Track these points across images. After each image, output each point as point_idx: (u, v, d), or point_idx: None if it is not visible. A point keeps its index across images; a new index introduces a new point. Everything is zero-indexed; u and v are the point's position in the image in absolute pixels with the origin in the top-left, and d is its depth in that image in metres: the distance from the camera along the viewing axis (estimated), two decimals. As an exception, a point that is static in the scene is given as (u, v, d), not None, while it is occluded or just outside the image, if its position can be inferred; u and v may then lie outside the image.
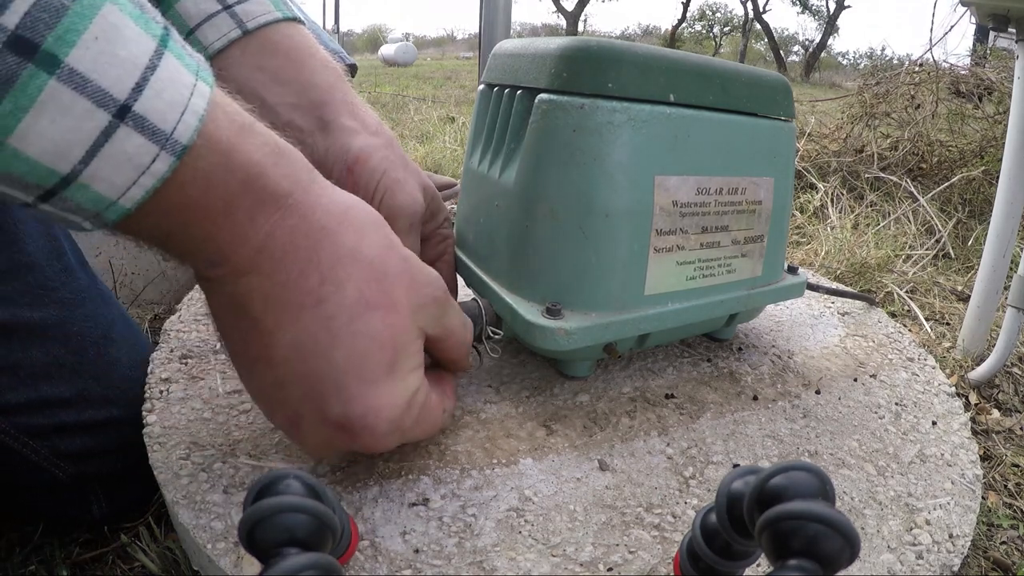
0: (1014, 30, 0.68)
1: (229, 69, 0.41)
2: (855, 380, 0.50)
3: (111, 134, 0.20)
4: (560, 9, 15.62)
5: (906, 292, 0.95)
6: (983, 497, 0.49)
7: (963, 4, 0.73)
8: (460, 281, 0.50)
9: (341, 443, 0.28)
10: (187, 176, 0.22)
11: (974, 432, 0.61)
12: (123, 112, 0.20)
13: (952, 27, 1.75)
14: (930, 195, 1.34)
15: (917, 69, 1.75)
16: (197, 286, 0.38)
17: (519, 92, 0.41)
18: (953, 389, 0.50)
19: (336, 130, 0.38)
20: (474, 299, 0.42)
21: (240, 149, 0.23)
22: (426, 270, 0.30)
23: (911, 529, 0.34)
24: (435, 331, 0.30)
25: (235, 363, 0.29)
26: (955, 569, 0.32)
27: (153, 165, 0.21)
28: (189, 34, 0.43)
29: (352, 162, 0.38)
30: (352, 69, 1.03)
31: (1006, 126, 0.73)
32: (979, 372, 0.70)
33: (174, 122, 0.21)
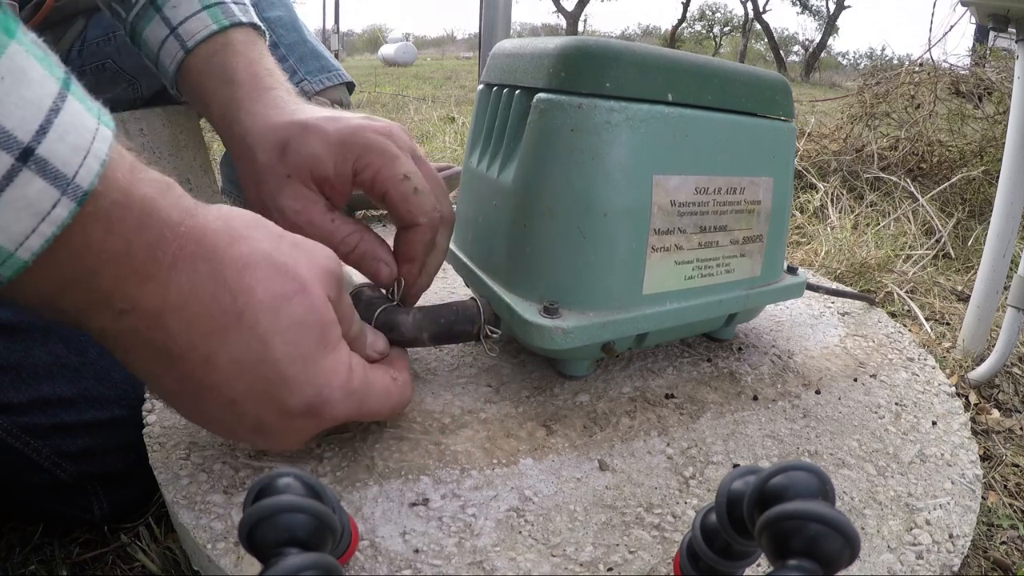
0: (1014, 30, 0.68)
1: (190, 83, 0.45)
2: (855, 380, 0.50)
3: (13, 178, 0.19)
4: (560, 9, 15.62)
5: (906, 292, 0.95)
6: (983, 497, 0.49)
7: (963, 4, 0.73)
8: (460, 280, 0.49)
9: (309, 427, 0.30)
10: (88, 219, 0.21)
11: (974, 432, 0.61)
12: (26, 155, 0.19)
13: (952, 27, 1.75)
14: (930, 195, 1.34)
15: (917, 69, 1.75)
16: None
17: (518, 92, 0.41)
18: (953, 389, 0.50)
19: (241, 124, 0.41)
20: (472, 298, 0.42)
21: (135, 187, 0.23)
22: (312, 243, 0.31)
23: (911, 529, 0.34)
24: (336, 293, 0.31)
25: (176, 403, 0.29)
26: (955, 569, 0.32)
27: (54, 211, 0.20)
28: (156, 60, 0.47)
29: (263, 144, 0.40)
30: (349, 86, 1.04)
31: (1006, 126, 0.73)
32: (979, 372, 0.70)
33: (76, 166, 0.20)
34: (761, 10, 14.96)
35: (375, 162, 0.37)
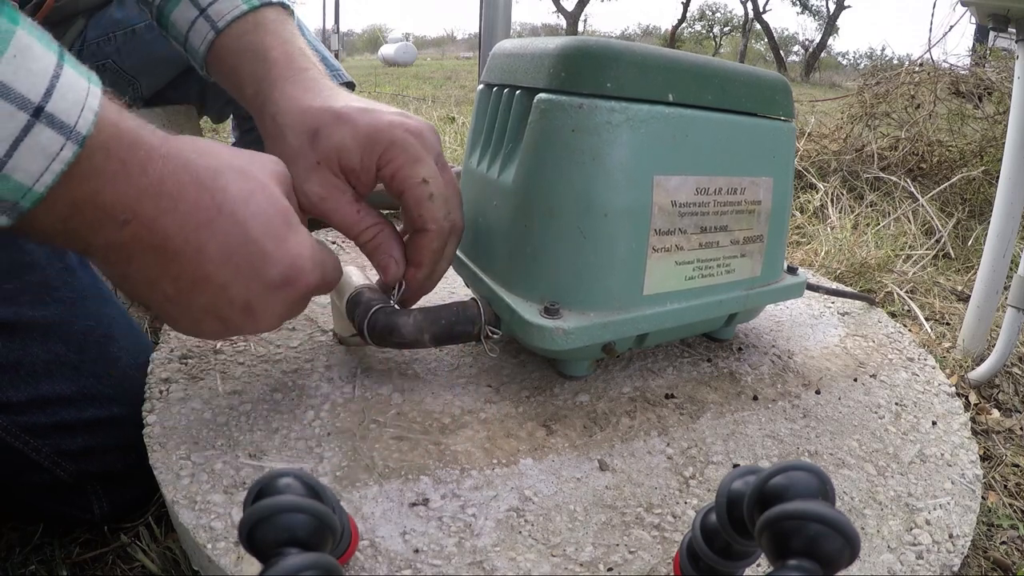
0: (1014, 30, 0.68)
1: (221, 63, 0.46)
2: (855, 380, 0.50)
3: (29, 130, 0.24)
4: (560, 9, 15.62)
5: (906, 292, 0.95)
6: (983, 497, 0.49)
7: (963, 4, 0.73)
8: (460, 280, 0.49)
9: (289, 297, 0.34)
10: (91, 151, 0.26)
11: (974, 432, 0.61)
12: (38, 112, 0.25)
13: (952, 27, 1.76)
14: (930, 195, 1.34)
15: (917, 69, 1.75)
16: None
17: (518, 92, 0.41)
18: (953, 389, 0.50)
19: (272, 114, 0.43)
20: (473, 298, 0.42)
21: (122, 123, 0.28)
22: (261, 155, 0.36)
23: (911, 529, 0.34)
24: (288, 191, 0.36)
25: (170, 306, 0.33)
26: (955, 569, 0.32)
27: (61, 152, 0.25)
28: (185, 41, 0.47)
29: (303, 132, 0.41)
30: (350, 87, 1.03)
31: (1006, 126, 0.73)
32: (979, 372, 0.70)
33: (76, 116, 0.26)
34: (761, 10, 14.96)
35: (397, 160, 0.38)
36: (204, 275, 0.31)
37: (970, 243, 1.19)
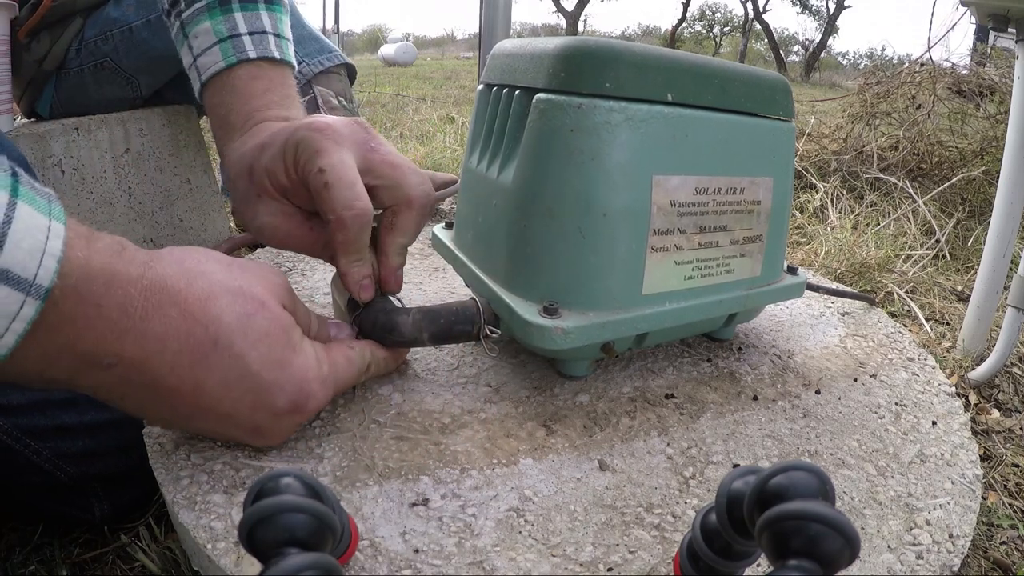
0: (1014, 30, 0.68)
1: (206, 110, 0.48)
2: (855, 380, 0.50)
3: None
4: (560, 9, 15.61)
5: (906, 292, 0.95)
6: (983, 497, 0.49)
7: (963, 4, 0.73)
8: (460, 280, 0.49)
9: (299, 420, 0.33)
10: (58, 301, 0.24)
11: (974, 432, 0.61)
12: None
13: (952, 27, 1.75)
14: (930, 195, 1.34)
15: (918, 69, 1.75)
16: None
17: (517, 92, 0.41)
18: (953, 389, 0.50)
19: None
20: (472, 298, 0.42)
21: (93, 259, 0.25)
22: (257, 264, 0.34)
23: (911, 529, 0.34)
24: (290, 301, 0.34)
25: (175, 426, 0.33)
26: (955, 569, 0.32)
27: (21, 311, 0.22)
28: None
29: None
30: (351, 71, 1.03)
31: (1006, 126, 0.73)
32: (979, 372, 0.70)
33: (35, 268, 0.22)
34: (761, 10, 14.96)
35: (301, 159, 0.37)
36: (206, 406, 0.30)
37: (970, 243, 1.19)
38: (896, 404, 0.47)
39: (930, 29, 1.71)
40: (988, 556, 0.48)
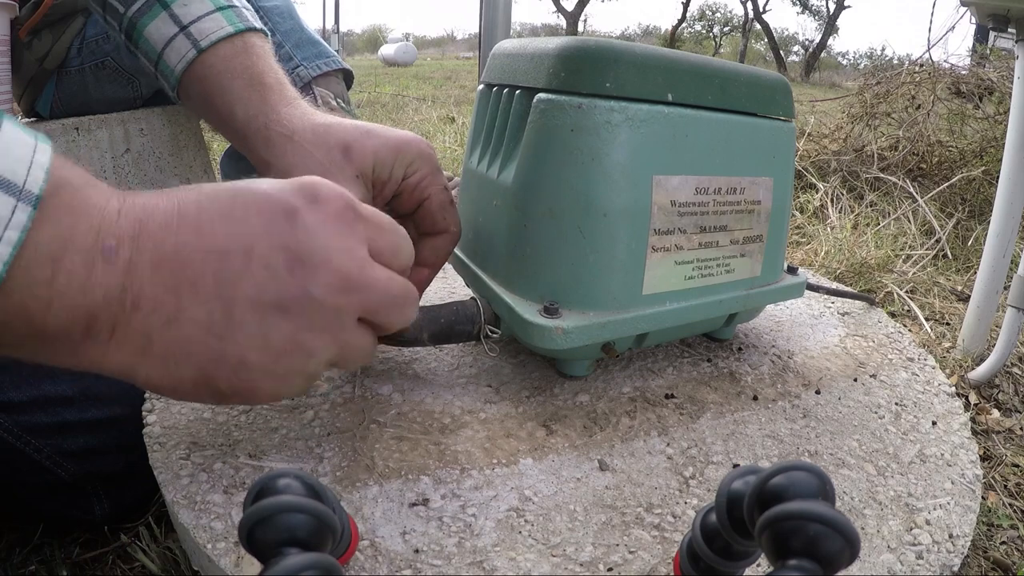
0: (1014, 30, 0.68)
1: (201, 83, 0.45)
2: (855, 380, 0.50)
3: None
4: (560, 9, 15.62)
5: (906, 292, 0.95)
6: (983, 497, 0.49)
7: (963, 4, 0.73)
8: (460, 280, 0.50)
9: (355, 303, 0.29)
10: (47, 215, 0.23)
11: (974, 432, 0.61)
12: None
13: (952, 27, 1.75)
14: (930, 195, 1.34)
15: (917, 69, 1.75)
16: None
17: (518, 92, 0.41)
18: (953, 389, 0.50)
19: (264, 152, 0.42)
20: (472, 298, 0.42)
21: (78, 172, 0.25)
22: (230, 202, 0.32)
23: (911, 529, 0.34)
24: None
25: (191, 340, 0.27)
26: (955, 569, 0.32)
27: (14, 216, 0.21)
28: (159, 59, 0.46)
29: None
30: (348, 76, 1.03)
31: (1006, 126, 0.73)
32: (979, 372, 0.70)
33: (24, 174, 0.22)
34: (761, 10, 14.96)
35: (423, 169, 0.41)
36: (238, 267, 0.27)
37: (970, 243, 1.19)
38: (896, 404, 0.47)
39: (930, 29, 1.71)
40: (988, 556, 0.48)
